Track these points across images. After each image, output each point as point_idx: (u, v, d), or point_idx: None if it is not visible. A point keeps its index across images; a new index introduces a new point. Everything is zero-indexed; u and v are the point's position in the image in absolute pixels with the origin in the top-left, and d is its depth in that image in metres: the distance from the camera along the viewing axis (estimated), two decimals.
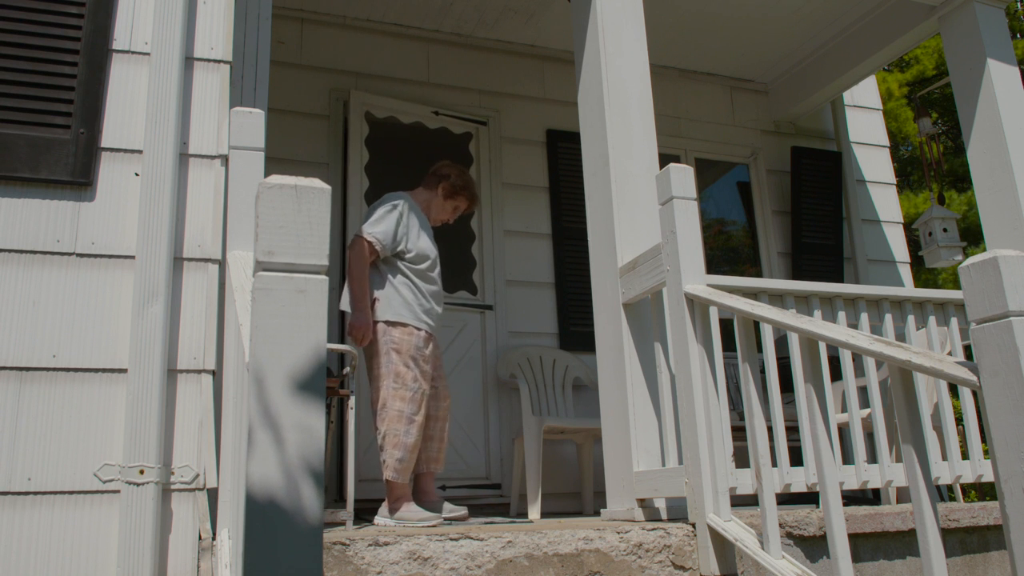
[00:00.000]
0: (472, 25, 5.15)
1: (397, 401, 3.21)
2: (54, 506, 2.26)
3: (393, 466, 3.16)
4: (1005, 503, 1.59)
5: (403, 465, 3.17)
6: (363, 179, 4.79)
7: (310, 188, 1.31)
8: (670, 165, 2.72)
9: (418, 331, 3.31)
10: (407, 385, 3.22)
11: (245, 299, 1.72)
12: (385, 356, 3.27)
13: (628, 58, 3.40)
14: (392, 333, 3.28)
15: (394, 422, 3.18)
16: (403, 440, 3.17)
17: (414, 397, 3.22)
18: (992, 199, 4.14)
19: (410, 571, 2.16)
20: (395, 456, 3.16)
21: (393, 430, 3.18)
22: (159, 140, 2.56)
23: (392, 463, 3.16)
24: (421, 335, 3.31)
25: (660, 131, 3.64)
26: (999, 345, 1.61)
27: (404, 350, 3.26)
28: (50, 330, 2.38)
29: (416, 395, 3.22)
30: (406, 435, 3.17)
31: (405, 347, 3.26)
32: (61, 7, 2.60)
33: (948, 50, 4.47)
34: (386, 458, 3.17)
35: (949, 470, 2.85)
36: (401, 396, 3.21)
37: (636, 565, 2.40)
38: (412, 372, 3.24)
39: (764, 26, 5.25)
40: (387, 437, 3.18)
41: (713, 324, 2.63)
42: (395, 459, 3.16)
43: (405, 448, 3.17)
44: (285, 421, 1.22)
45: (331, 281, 4.54)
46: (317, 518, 1.21)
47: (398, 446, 3.17)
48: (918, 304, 3.02)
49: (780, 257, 5.65)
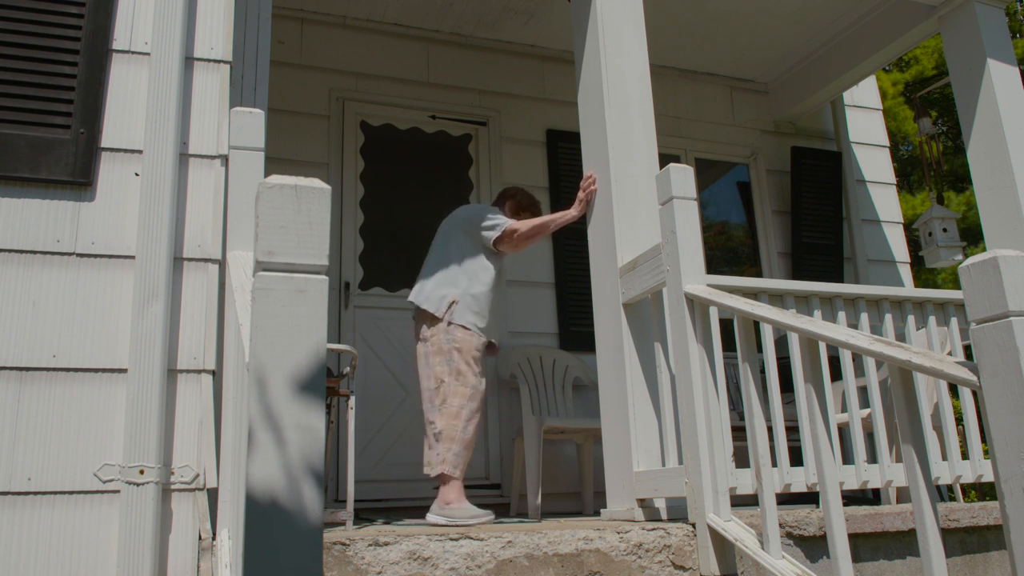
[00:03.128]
0: (472, 25, 5.15)
1: (458, 398, 3.31)
2: (54, 506, 2.26)
3: (451, 460, 3.24)
4: (1005, 503, 1.59)
5: (460, 459, 3.25)
6: (358, 187, 4.80)
7: (310, 188, 1.31)
8: (670, 165, 2.72)
9: (480, 336, 3.43)
10: (468, 383, 3.33)
11: (245, 299, 1.72)
12: (448, 355, 3.38)
13: (628, 58, 3.40)
14: (455, 333, 3.38)
15: (454, 418, 3.28)
16: (461, 435, 3.26)
17: (474, 395, 3.32)
18: (992, 199, 4.14)
19: (410, 571, 2.16)
20: (453, 450, 3.25)
21: (452, 425, 3.27)
22: (159, 140, 2.56)
23: (450, 457, 3.24)
24: (482, 340, 3.44)
25: (660, 131, 3.64)
26: (999, 345, 1.61)
27: (465, 350, 3.36)
28: (50, 330, 2.38)
29: (476, 392, 3.34)
30: (464, 431, 3.26)
31: (466, 347, 3.37)
32: (61, 7, 2.60)
33: (948, 50, 4.47)
34: (442, 452, 3.25)
35: (949, 470, 2.85)
36: (462, 393, 3.31)
37: (636, 565, 2.40)
38: (473, 370, 3.35)
39: (764, 26, 5.25)
40: (444, 432, 3.27)
41: (713, 324, 2.63)
42: (453, 453, 3.24)
43: (463, 443, 3.26)
44: (286, 421, 1.22)
45: (331, 281, 4.54)
46: (317, 518, 1.21)
47: (456, 440, 3.25)
48: (918, 304, 3.02)
49: (780, 257, 5.65)
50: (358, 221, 4.77)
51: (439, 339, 3.39)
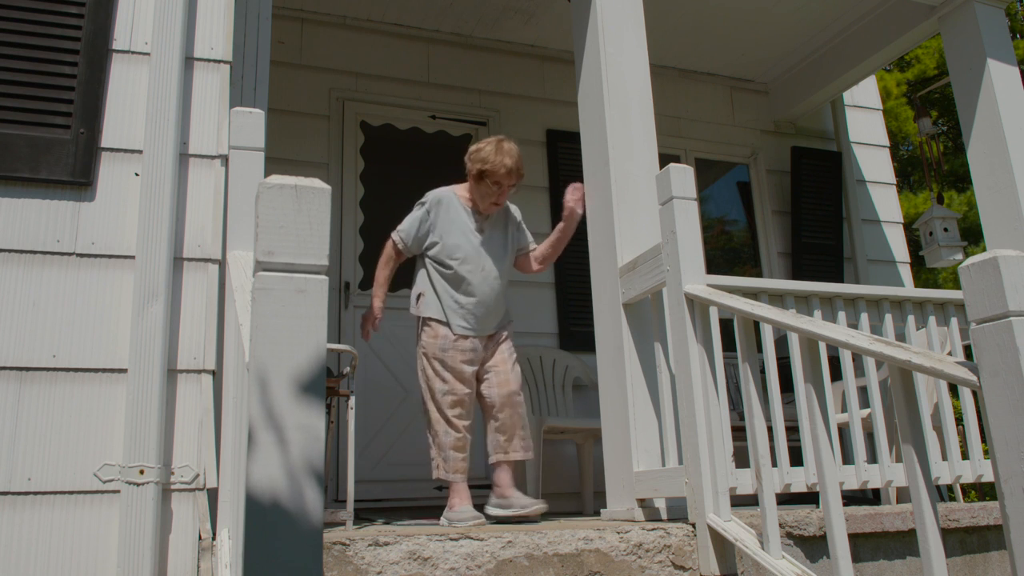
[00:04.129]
0: (472, 25, 5.15)
1: (429, 403, 3.28)
2: (54, 506, 2.26)
3: (439, 465, 3.23)
4: (1005, 503, 1.59)
5: (446, 463, 3.21)
6: (358, 187, 4.80)
7: (310, 188, 1.31)
8: (670, 165, 2.71)
9: (445, 327, 3.30)
10: (434, 388, 3.27)
11: (245, 299, 1.72)
12: (419, 359, 3.35)
13: (628, 58, 3.40)
14: (421, 336, 3.34)
15: (433, 424, 3.27)
16: (441, 440, 3.23)
17: (444, 399, 3.24)
18: (992, 199, 4.14)
19: (410, 571, 2.16)
20: (433, 456, 3.25)
21: (432, 431, 3.26)
22: (159, 140, 2.56)
23: (439, 461, 3.23)
24: (448, 332, 3.30)
25: (660, 131, 3.64)
26: (999, 345, 1.61)
27: (430, 352, 3.30)
28: (50, 330, 2.37)
29: (445, 396, 3.24)
30: (445, 435, 3.22)
31: (431, 349, 3.29)
32: (61, 7, 2.60)
33: (948, 50, 4.47)
34: (433, 457, 3.26)
35: (949, 470, 2.85)
36: (431, 399, 3.27)
37: (636, 565, 2.40)
38: (440, 375, 3.26)
39: (764, 26, 5.25)
40: (431, 439, 3.28)
41: (713, 324, 2.62)
42: (439, 457, 3.23)
43: (442, 447, 3.22)
44: (287, 422, 1.22)
45: (331, 281, 4.54)
46: (318, 519, 1.21)
47: (435, 446, 3.25)
48: (918, 304, 3.02)
49: (780, 257, 5.65)
50: (358, 221, 4.77)
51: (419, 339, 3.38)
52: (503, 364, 3.40)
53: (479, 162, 3.36)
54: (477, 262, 3.36)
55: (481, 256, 3.38)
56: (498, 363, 3.39)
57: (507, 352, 3.43)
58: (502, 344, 3.44)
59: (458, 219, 3.40)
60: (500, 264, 3.43)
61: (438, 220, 3.39)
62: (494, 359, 3.40)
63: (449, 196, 3.45)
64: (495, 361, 3.39)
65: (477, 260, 3.36)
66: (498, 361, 3.40)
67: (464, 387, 3.27)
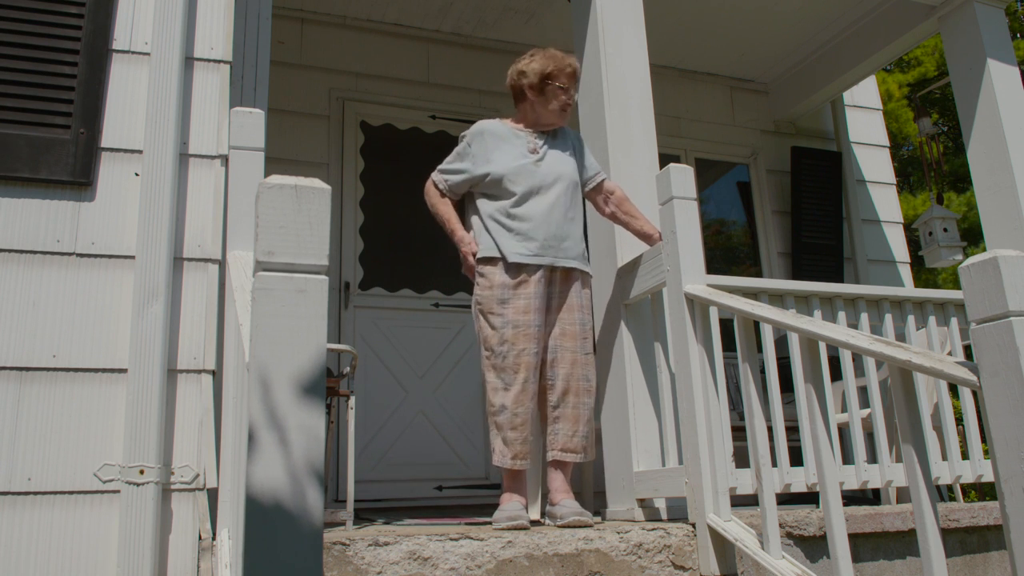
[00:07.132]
0: (472, 25, 5.15)
1: (488, 372, 2.76)
2: (54, 506, 2.26)
3: (493, 448, 2.74)
4: (1005, 503, 1.59)
5: (506, 447, 2.69)
6: (358, 187, 4.80)
7: (310, 188, 1.31)
8: (670, 165, 2.72)
9: (502, 272, 2.79)
10: (494, 350, 2.74)
11: (245, 299, 1.72)
12: (475, 320, 2.86)
13: (628, 58, 3.40)
14: (475, 288, 2.86)
15: (488, 395, 2.76)
16: (497, 418, 2.71)
17: (503, 363, 2.72)
18: (992, 199, 4.14)
19: (410, 571, 2.16)
20: (492, 438, 2.76)
21: (489, 409, 2.76)
22: (159, 140, 2.56)
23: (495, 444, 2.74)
24: (506, 279, 2.78)
25: (660, 131, 3.64)
26: (999, 345, 1.61)
27: (486, 306, 2.79)
28: (50, 330, 2.38)
29: (507, 360, 2.71)
30: (501, 411, 2.70)
31: (487, 303, 2.78)
32: (61, 7, 2.60)
33: (948, 50, 4.47)
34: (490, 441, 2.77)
35: (949, 470, 2.85)
36: (491, 364, 2.76)
37: (636, 565, 2.40)
38: (498, 333, 2.74)
39: (764, 26, 5.25)
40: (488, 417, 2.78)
41: (713, 324, 2.63)
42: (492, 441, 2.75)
43: (498, 427, 2.71)
44: (288, 422, 1.22)
45: (331, 281, 4.53)
46: (319, 519, 1.21)
47: (492, 425, 2.74)
48: (918, 304, 3.02)
49: (780, 257, 5.65)
50: (358, 221, 4.77)
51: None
52: (572, 337, 2.85)
53: (538, 70, 2.98)
54: (532, 181, 2.89)
55: (537, 175, 2.90)
56: (570, 333, 2.85)
57: (579, 322, 2.88)
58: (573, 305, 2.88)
59: (506, 143, 2.99)
60: (563, 184, 2.94)
61: (483, 149, 2.96)
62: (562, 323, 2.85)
63: (492, 124, 3.06)
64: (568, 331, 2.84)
65: (532, 179, 2.89)
66: (572, 332, 2.85)
67: (530, 345, 2.74)
